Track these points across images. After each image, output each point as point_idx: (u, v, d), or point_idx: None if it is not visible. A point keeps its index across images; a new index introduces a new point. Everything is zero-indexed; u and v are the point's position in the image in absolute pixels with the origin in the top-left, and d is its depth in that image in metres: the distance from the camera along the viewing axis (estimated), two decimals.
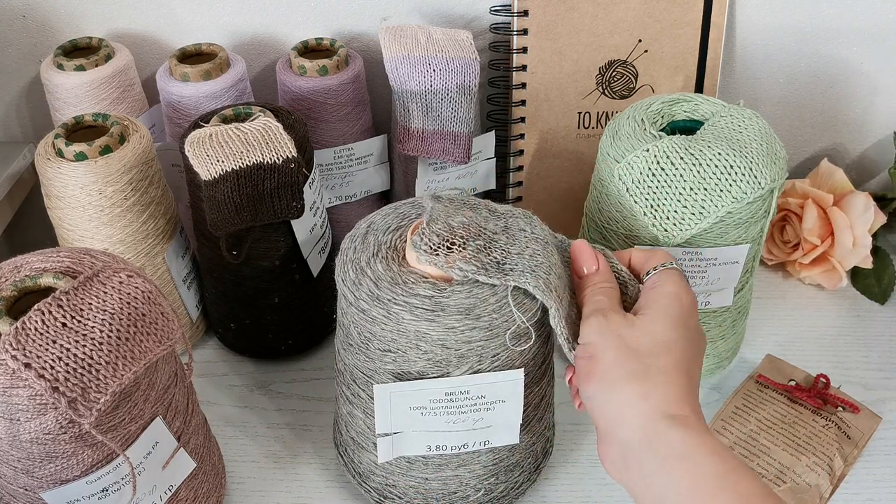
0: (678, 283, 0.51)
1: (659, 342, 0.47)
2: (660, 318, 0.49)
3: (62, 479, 0.48)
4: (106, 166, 0.63)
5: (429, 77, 0.71)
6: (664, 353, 0.47)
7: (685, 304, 0.50)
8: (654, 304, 0.50)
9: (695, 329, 0.50)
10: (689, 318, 0.50)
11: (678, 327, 0.48)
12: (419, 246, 0.50)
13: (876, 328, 0.77)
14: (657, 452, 0.44)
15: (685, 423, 0.45)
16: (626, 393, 0.46)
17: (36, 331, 0.45)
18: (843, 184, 0.82)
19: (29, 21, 0.83)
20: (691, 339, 0.49)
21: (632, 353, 0.47)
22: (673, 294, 0.50)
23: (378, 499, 0.60)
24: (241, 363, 0.75)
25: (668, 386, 0.46)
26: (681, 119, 0.64)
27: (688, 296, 0.51)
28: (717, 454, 0.44)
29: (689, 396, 0.46)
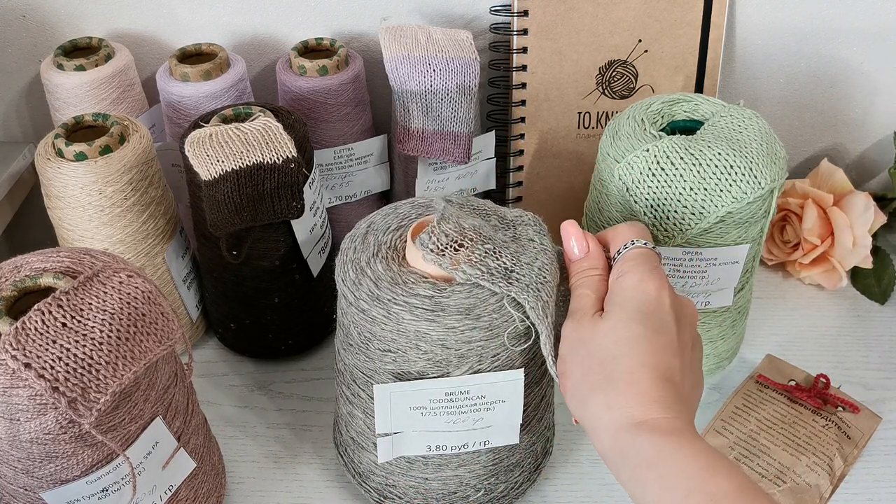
0: (640, 269, 0.48)
1: (621, 343, 0.45)
2: (620, 316, 0.46)
3: (62, 479, 0.48)
4: (106, 166, 0.63)
5: (429, 77, 0.71)
6: (627, 355, 0.45)
7: (649, 292, 0.46)
8: (615, 299, 0.47)
9: (663, 318, 0.46)
10: (654, 308, 0.46)
11: (642, 321, 0.45)
12: (426, 244, 0.50)
13: (876, 328, 0.77)
14: (627, 462, 0.43)
15: (652, 427, 0.42)
16: (594, 406, 0.44)
17: (36, 331, 0.45)
18: (843, 184, 0.82)
19: (29, 21, 0.83)
20: (660, 328, 0.46)
21: (595, 362, 0.45)
22: (633, 285, 0.47)
23: (378, 499, 0.60)
24: (241, 363, 0.75)
25: (631, 389, 0.44)
26: (681, 119, 0.64)
27: (652, 281, 0.47)
28: (687, 454, 0.41)
29: (659, 395, 0.43)
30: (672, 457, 0.41)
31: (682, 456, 0.41)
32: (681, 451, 0.41)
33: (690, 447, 0.42)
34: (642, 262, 0.48)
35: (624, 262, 0.49)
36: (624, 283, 0.47)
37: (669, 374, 0.45)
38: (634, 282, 0.47)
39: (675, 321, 0.46)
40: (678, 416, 0.43)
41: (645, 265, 0.48)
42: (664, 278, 0.48)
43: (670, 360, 0.45)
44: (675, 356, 0.45)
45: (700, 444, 0.42)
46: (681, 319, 0.47)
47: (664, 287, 0.47)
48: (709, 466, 0.41)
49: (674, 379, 0.45)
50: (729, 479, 0.40)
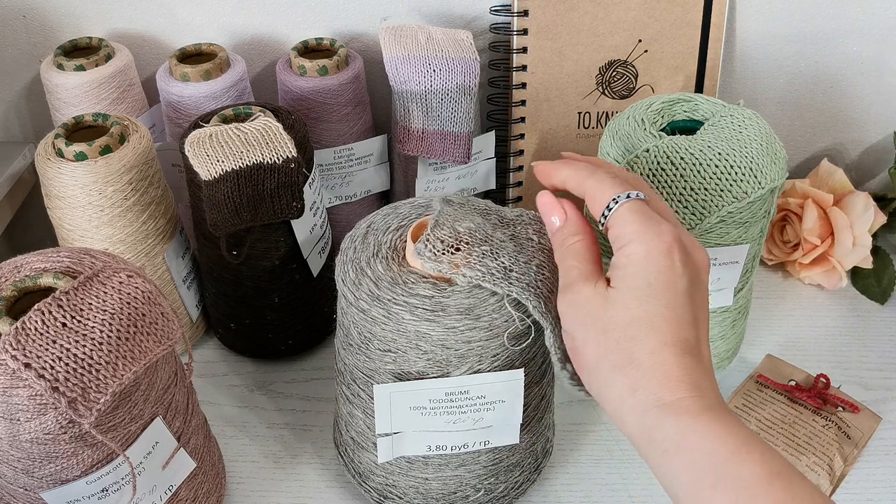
0: (644, 235, 0.43)
1: (639, 323, 0.42)
2: (634, 294, 0.42)
3: (62, 479, 0.48)
4: (106, 166, 0.63)
5: (429, 77, 0.71)
6: (647, 334, 0.42)
7: (660, 263, 0.42)
8: (623, 274, 0.43)
9: (677, 289, 0.42)
10: (668, 280, 0.42)
11: (657, 297, 0.42)
12: (423, 253, 0.50)
13: (876, 328, 0.77)
14: (656, 446, 0.41)
15: (679, 408, 0.40)
16: (617, 388, 0.42)
17: (36, 331, 0.45)
18: (843, 184, 0.82)
19: (29, 21, 0.83)
20: (676, 301, 0.42)
21: (612, 341, 0.42)
22: (641, 257, 0.42)
23: (378, 499, 0.60)
24: (241, 363, 0.75)
25: (657, 371, 0.41)
26: (681, 119, 0.64)
27: (661, 248, 0.42)
28: (717, 437, 0.39)
29: (685, 373, 0.41)
30: (701, 441, 0.39)
31: (711, 440, 0.39)
32: (710, 434, 0.39)
33: (721, 429, 0.40)
34: (642, 224, 0.43)
35: (620, 225, 0.44)
36: (630, 254, 0.43)
37: (691, 348, 0.42)
38: (642, 254, 0.43)
39: (689, 285, 0.43)
40: (705, 392, 0.41)
41: (646, 227, 0.43)
42: (670, 233, 0.43)
43: (690, 333, 0.42)
44: (693, 326, 0.43)
45: (730, 425, 0.40)
46: (695, 280, 0.43)
47: (674, 249, 0.43)
48: (739, 450, 0.39)
49: (695, 351, 0.42)
50: (761, 463, 0.38)
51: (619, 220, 0.44)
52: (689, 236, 0.45)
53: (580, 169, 0.48)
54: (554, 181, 0.49)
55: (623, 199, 0.44)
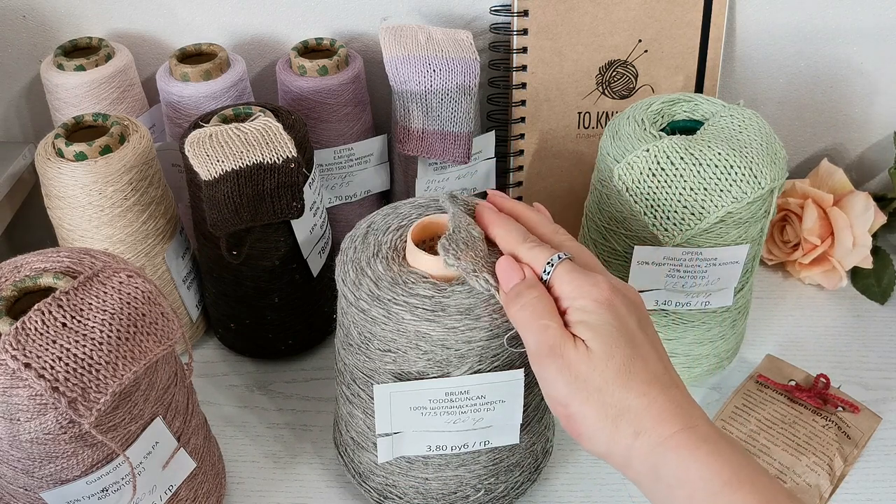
0: (589, 288, 0.46)
1: (623, 372, 0.44)
2: (608, 345, 0.44)
3: (62, 479, 0.48)
4: (106, 166, 0.63)
5: (429, 77, 0.71)
6: (632, 379, 0.44)
7: (612, 310, 0.45)
8: (585, 325, 0.45)
9: (631, 329, 0.45)
10: (623, 323, 0.45)
11: (624, 342, 0.45)
12: (448, 249, 0.49)
13: (876, 328, 0.77)
14: (661, 482, 0.43)
15: (678, 442, 0.42)
16: (623, 439, 0.43)
17: (36, 331, 0.45)
18: (843, 184, 0.82)
19: (29, 21, 0.83)
20: (637, 340, 0.45)
21: (607, 397, 0.44)
22: (595, 308, 0.45)
23: (378, 499, 0.60)
24: (241, 363, 0.75)
25: (650, 410, 0.43)
26: (681, 119, 0.64)
27: (604, 297, 0.45)
28: (713, 469, 0.41)
29: (675, 406, 0.44)
30: (698, 473, 0.42)
31: (707, 472, 0.42)
32: (707, 466, 0.42)
33: (716, 460, 0.42)
34: (579, 280, 0.46)
35: (559, 285, 0.47)
36: (584, 308, 0.45)
37: (667, 377, 0.45)
38: (593, 305, 0.45)
39: (637, 322, 0.46)
40: (697, 420, 0.43)
41: (583, 282, 0.46)
42: (604, 282, 0.46)
43: (658, 366, 0.45)
44: (658, 359, 0.46)
45: (725, 454, 0.42)
46: (639, 316, 0.47)
47: (613, 296, 0.46)
48: (732, 480, 0.41)
49: (672, 382, 0.45)
50: (753, 492, 0.41)
51: (557, 281, 0.47)
52: (618, 280, 0.48)
53: (509, 233, 0.50)
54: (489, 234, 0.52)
55: (556, 260, 0.47)
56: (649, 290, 0.63)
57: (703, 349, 0.68)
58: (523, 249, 0.49)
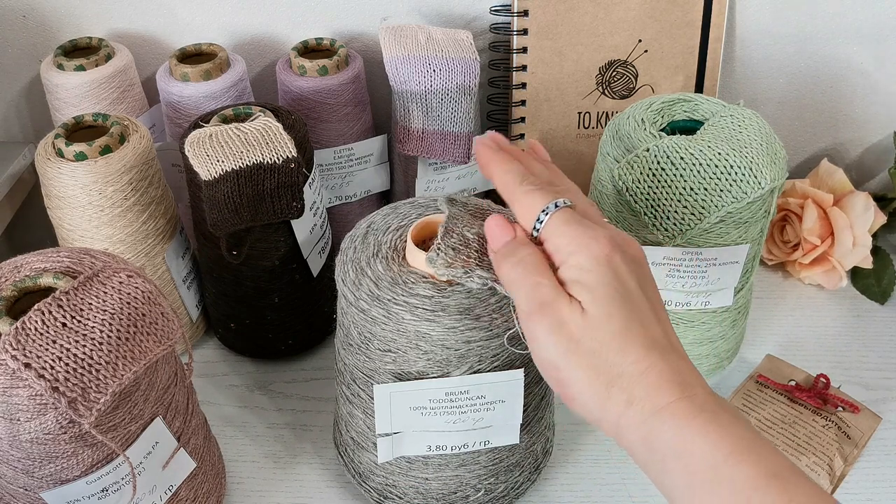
0: (585, 243, 0.43)
1: (617, 336, 0.41)
2: (602, 307, 0.41)
3: (62, 479, 0.48)
4: (106, 166, 0.63)
5: (429, 77, 0.71)
6: (628, 343, 0.41)
7: (611, 267, 0.42)
8: (581, 287, 0.42)
9: (631, 288, 0.42)
10: (622, 283, 0.42)
11: (621, 304, 0.42)
12: (435, 262, 0.49)
13: (876, 328, 0.77)
14: (655, 454, 0.40)
15: (675, 412, 0.40)
16: (615, 406, 0.41)
17: (36, 331, 0.45)
18: (843, 184, 0.82)
19: (29, 21, 0.83)
20: (636, 301, 0.42)
21: (601, 361, 0.41)
22: (591, 265, 0.42)
23: (378, 499, 0.60)
24: (241, 363, 0.75)
25: (645, 377, 0.41)
26: (681, 119, 0.64)
27: (603, 252, 0.42)
28: (712, 440, 0.39)
29: (673, 373, 0.41)
30: (697, 445, 0.39)
31: (707, 443, 0.39)
32: (706, 437, 0.39)
33: (716, 431, 0.39)
34: (577, 233, 0.43)
35: (555, 237, 0.43)
36: (580, 265, 0.42)
37: (666, 345, 0.42)
38: (591, 262, 0.42)
39: (638, 282, 0.43)
40: (696, 388, 0.41)
41: (582, 235, 0.43)
42: (605, 237, 0.43)
43: (657, 330, 0.42)
44: (658, 322, 0.43)
45: (726, 425, 0.40)
46: (640, 275, 0.44)
47: (613, 253, 0.43)
48: (734, 452, 0.38)
49: (671, 347, 0.42)
50: (757, 464, 0.38)
51: (553, 232, 0.44)
52: (619, 233, 0.45)
53: (507, 173, 0.47)
54: (485, 173, 0.49)
55: (552, 208, 0.44)
56: None
57: (703, 349, 0.68)
58: (520, 192, 0.45)
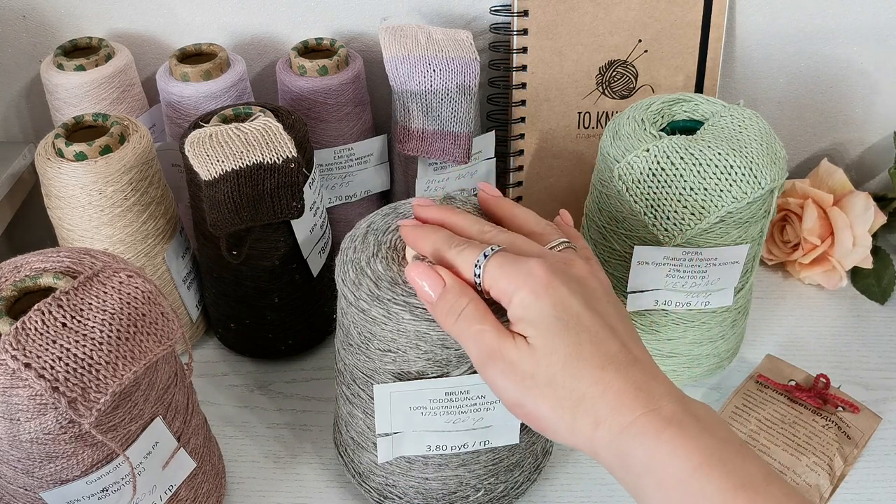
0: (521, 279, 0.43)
1: (569, 362, 0.41)
2: (547, 338, 0.42)
3: (62, 479, 0.48)
4: (106, 166, 0.63)
5: (429, 77, 0.71)
6: (583, 366, 0.41)
7: (551, 298, 0.42)
8: (526, 321, 0.43)
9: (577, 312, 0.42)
10: (564, 309, 0.42)
11: (567, 330, 0.42)
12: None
13: (876, 328, 0.77)
14: (630, 470, 0.41)
15: (642, 428, 0.40)
16: (583, 429, 0.41)
17: (36, 331, 0.45)
18: (843, 184, 0.82)
19: (29, 21, 0.83)
20: (584, 323, 0.42)
21: (559, 388, 0.41)
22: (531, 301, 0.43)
23: (378, 499, 0.60)
24: (241, 363, 0.75)
25: (607, 396, 0.41)
26: (681, 119, 0.64)
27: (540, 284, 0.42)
28: (681, 454, 0.39)
29: (634, 387, 0.41)
30: (666, 458, 0.39)
31: (676, 457, 0.39)
32: (675, 451, 0.39)
33: (685, 444, 0.39)
34: (512, 273, 0.43)
35: (495, 285, 0.44)
36: (521, 302, 0.43)
37: (623, 358, 0.42)
38: (530, 297, 0.43)
39: (584, 300, 0.43)
40: (661, 400, 0.41)
41: (517, 272, 0.43)
42: (539, 266, 0.43)
43: (614, 344, 0.42)
44: (613, 335, 0.43)
45: (695, 438, 0.39)
46: (586, 293, 0.43)
47: (551, 278, 0.43)
48: (703, 465, 0.38)
49: (629, 359, 0.42)
50: (725, 476, 0.38)
51: (493, 280, 0.44)
52: (554, 256, 0.45)
53: (434, 244, 0.48)
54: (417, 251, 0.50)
55: (482, 259, 0.45)
56: (649, 291, 0.63)
57: (703, 349, 0.68)
58: (451, 255, 0.46)
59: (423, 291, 0.46)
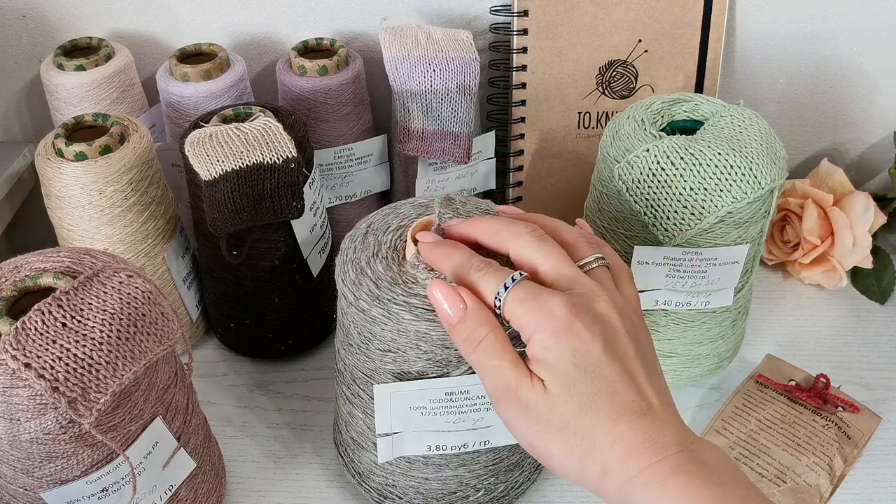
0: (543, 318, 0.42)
1: (585, 409, 0.41)
2: (565, 384, 0.41)
3: (62, 479, 0.48)
4: (106, 166, 0.63)
5: (429, 77, 0.71)
6: (595, 416, 0.41)
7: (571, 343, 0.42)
8: (544, 363, 0.42)
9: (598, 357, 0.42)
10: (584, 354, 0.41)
11: (585, 377, 0.41)
12: (417, 267, 0.49)
13: (876, 328, 0.77)
14: None
15: (647, 479, 0.40)
16: (591, 476, 0.41)
17: (36, 331, 0.45)
18: (843, 184, 0.82)
19: (29, 21, 0.83)
20: (603, 369, 0.42)
21: (570, 435, 0.41)
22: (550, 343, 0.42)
23: (378, 499, 0.60)
24: (241, 363, 0.75)
25: (616, 447, 0.41)
26: (681, 119, 0.64)
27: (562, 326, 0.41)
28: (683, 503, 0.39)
29: (643, 438, 0.41)
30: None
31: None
32: (678, 501, 0.39)
33: (686, 494, 0.39)
34: (533, 311, 0.42)
35: (515, 318, 0.43)
36: (541, 343, 0.42)
37: (639, 403, 0.42)
38: (550, 339, 0.42)
39: (603, 343, 0.42)
40: (669, 450, 0.41)
41: (538, 311, 0.42)
42: (561, 306, 0.42)
43: (628, 391, 0.42)
44: (629, 381, 0.42)
45: (697, 487, 0.40)
46: (607, 334, 0.43)
47: (572, 321, 0.42)
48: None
49: (643, 407, 0.42)
50: None
51: (514, 313, 0.43)
52: (581, 291, 0.43)
53: (454, 265, 0.46)
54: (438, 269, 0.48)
55: (503, 292, 0.43)
56: (649, 290, 0.63)
57: (703, 349, 0.68)
58: (473, 280, 0.45)
59: (443, 311, 0.45)
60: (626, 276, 0.47)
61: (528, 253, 0.45)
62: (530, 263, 0.45)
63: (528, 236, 0.46)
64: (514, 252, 0.46)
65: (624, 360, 0.43)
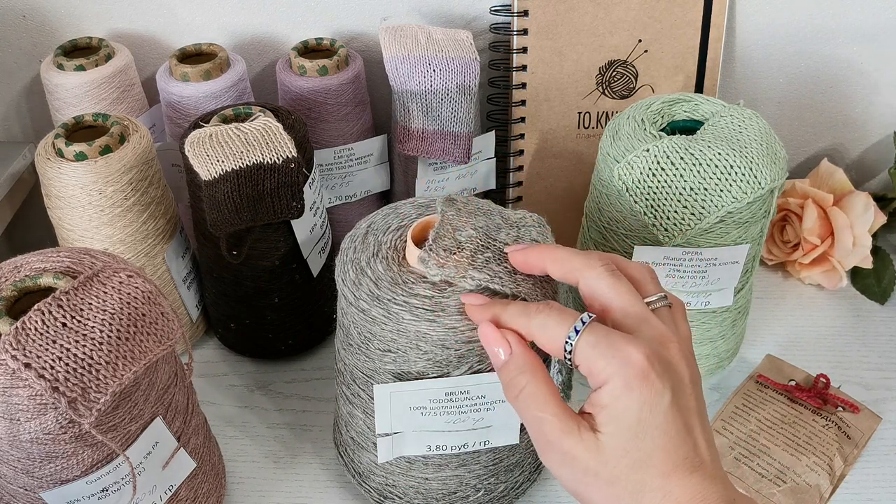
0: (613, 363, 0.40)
1: (638, 462, 0.40)
2: (625, 434, 0.40)
3: (62, 479, 0.48)
4: (106, 166, 0.63)
5: (429, 77, 0.71)
6: (648, 472, 0.40)
7: (639, 397, 0.40)
8: (608, 411, 0.40)
9: (664, 410, 0.40)
10: (651, 408, 0.40)
11: (648, 426, 0.40)
12: (427, 262, 0.49)
13: (876, 328, 0.77)
14: None
15: None
16: None
17: (36, 331, 0.45)
18: (843, 184, 0.82)
19: (29, 21, 0.83)
20: (666, 423, 0.40)
21: (619, 489, 0.40)
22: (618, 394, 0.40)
23: (378, 499, 0.60)
24: (241, 363, 0.75)
25: (663, 501, 0.40)
26: (681, 119, 0.64)
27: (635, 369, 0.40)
28: None
29: (693, 491, 0.40)
30: None
31: None
32: None
33: None
34: (608, 356, 0.40)
35: (586, 363, 0.41)
36: (611, 391, 0.40)
37: (691, 461, 0.40)
38: (622, 389, 0.40)
39: (672, 396, 0.40)
40: None
41: (614, 357, 0.40)
42: (639, 352, 0.40)
43: (686, 447, 0.40)
44: (687, 435, 0.41)
45: None
46: (676, 388, 0.41)
47: (648, 371, 0.40)
48: None
49: (695, 463, 0.41)
50: None
51: (583, 358, 0.41)
52: (652, 339, 0.42)
53: (510, 315, 0.45)
54: (489, 319, 0.46)
55: (574, 336, 0.41)
56: None
57: (703, 349, 0.68)
58: (535, 324, 0.43)
59: (494, 354, 0.44)
60: (680, 313, 0.46)
61: (602, 289, 0.44)
62: (602, 300, 0.43)
63: (601, 269, 0.44)
64: (586, 284, 0.44)
65: (686, 412, 0.41)
